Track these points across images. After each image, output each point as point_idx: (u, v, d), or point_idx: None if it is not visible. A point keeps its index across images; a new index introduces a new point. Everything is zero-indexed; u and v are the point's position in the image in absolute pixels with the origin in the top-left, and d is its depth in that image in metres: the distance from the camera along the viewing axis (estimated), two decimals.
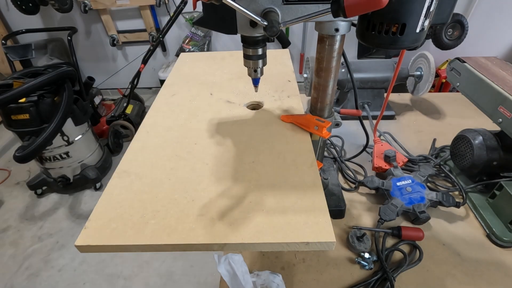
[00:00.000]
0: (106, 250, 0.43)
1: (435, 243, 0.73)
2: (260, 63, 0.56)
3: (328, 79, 0.58)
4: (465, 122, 1.12)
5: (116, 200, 0.49)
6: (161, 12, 2.86)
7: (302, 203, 0.46)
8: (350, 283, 0.66)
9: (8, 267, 1.77)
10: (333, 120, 0.65)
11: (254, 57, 0.54)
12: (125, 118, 2.55)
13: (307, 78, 1.12)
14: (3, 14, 2.91)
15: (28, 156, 1.60)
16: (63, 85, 1.75)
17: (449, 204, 0.75)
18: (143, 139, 0.64)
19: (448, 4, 0.44)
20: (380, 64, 1.12)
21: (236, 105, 0.74)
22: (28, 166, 2.44)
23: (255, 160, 0.55)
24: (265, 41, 0.53)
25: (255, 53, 0.53)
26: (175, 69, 0.92)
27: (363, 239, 0.71)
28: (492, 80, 0.77)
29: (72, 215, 2.05)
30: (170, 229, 0.44)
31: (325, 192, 0.65)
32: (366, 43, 0.46)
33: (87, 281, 1.67)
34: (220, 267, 0.55)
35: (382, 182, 0.81)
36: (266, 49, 0.55)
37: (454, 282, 0.66)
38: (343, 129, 1.12)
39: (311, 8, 0.46)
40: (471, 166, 0.79)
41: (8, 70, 2.77)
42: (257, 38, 0.51)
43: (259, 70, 0.57)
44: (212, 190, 0.50)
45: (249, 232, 0.42)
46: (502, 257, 0.70)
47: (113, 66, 3.25)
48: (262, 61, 0.55)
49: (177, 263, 1.74)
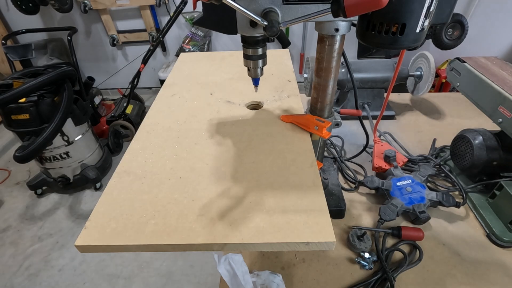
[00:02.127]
0: (106, 250, 0.43)
1: (435, 243, 0.73)
2: (260, 63, 0.56)
3: (328, 79, 0.58)
4: (465, 122, 1.12)
5: (116, 200, 0.49)
6: (161, 12, 2.86)
7: (302, 203, 0.46)
8: (350, 283, 0.66)
9: (8, 267, 1.77)
10: (333, 120, 0.65)
11: (254, 57, 0.54)
12: (125, 118, 2.56)
13: (307, 78, 1.12)
14: (3, 14, 2.91)
15: (28, 156, 1.60)
16: (63, 85, 1.75)
17: (449, 204, 0.75)
18: (143, 139, 0.64)
19: (448, 4, 0.44)
20: (380, 64, 1.12)
21: (236, 105, 0.74)
22: (28, 166, 2.44)
23: (255, 160, 0.55)
24: (265, 41, 0.53)
25: (255, 53, 0.54)
26: (175, 69, 0.92)
27: (363, 239, 0.71)
28: (492, 80, 0.77)
29: (72, 215, 2.05)
30: (170, 229, 0.44)
31: (325, 192, 0.65)
32: (366, 43, 0.46)
33: (87, 281, 1.67)
34: (220, 267, 0.55)
35: (382, 182, 0.81)
36: (266, 49, 0.56)
37: (454, 282, 0.66)
38: (343, 129, 1.12)
39: (311, 8, 0.46)
40: (471, 166, 0.79)
41: (8, 70, 2.77)
42: (257, 38, 0.51)
43: (259, 70, 0.57)
44: (212, 190, 0.50)
45: (249, 232, 0.42)
46: (502, 257, 0.70)
47: (113, 66, 3.25)
48: (262, 61, 0.55)
49: (177, 263, 1.74)
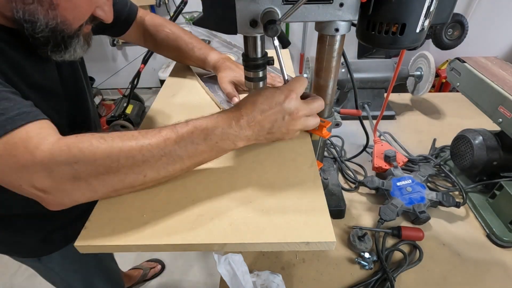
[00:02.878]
0: (106, 250, 0.43)
1: (435, 243, 0.73)
2: (261, 85, 0.57)
3: (328, 79, 0.58)
4: (465, 122, 1.12)
5: (116, 200, 0.49)
6: (161, 12, 2.86)
7: (302, 203, 0.46)
8: (350, 283, 0.66)
9: (8, 267, 1.77)
10: (333, 120, 0.65)
11: (255, 79, 0.56)
12: (125, 118, 2.55)
13: (307, 78, 1.12)
14: None
15: None
16: None
17: (449, 204, 0.75)
18: None
19: (448, 4, 0.44)
20: (380, 64, 1.12)
21: None
22: None
23: (255, 160, 0.55)
24: (266, 65, 0.54)
25: (256, 76, 0.55)
26: (175, 69, 0.92)
27: (364, 239, 0.71)
28: (492, 80, 0.77)
29: None
30: (170, 229, 0.43)
31: (325, 192, 0.65)
32: (366, 43, 0.46)
33: None
34: (220, 267, 0.55)
35: (382, 182, 0.81)
36: (266, 72, 0.57)
37: (454, 282, 0.66)
38: (343, 129, 1.11)
39: (311, 8, 0.46)
40: (471, 166, 0.79)
41: None
42: (258, 62, 0.53)
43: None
44: (212, 190, 0.50)
45: (249, 232, 0.42)
46: (502, 257, 0.70)
47: (113, 66, 3.25)
48: (262, 82, 0.57)
49: (177, 263, 1.74)
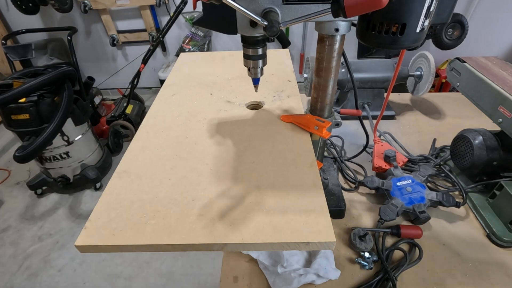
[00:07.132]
0: (106, 250, 0.43)
1: (435, 243, 0.73)
2: (260, 63, 0.56)
3: (328, 79, 0.58)
4: (465, 122, 1.12)
5: (116, 200, 0.49)
6: (161, 12, 2.86)
7: (302, 203, 0.46)
8: (350, 284, 0.66)
9: (8, 267, 1.77)
10: (333, 120, 0.65)
11: (254, 57, 0.54)
12: (125, 118, 2.55)
13: (307, 78, 1.12)
14: (3, 14, 2.91)
15: (28, 156, 1.60)
16: (63, 85, 1.75)
17: (449, 204, 0.75)
18: (143, 139, 0.64)
19: (448, 4, 0.44)
20: (380, 64, 1.12)
21: (236, 105, 0.74)
22: (28, 166, 2.44)
23: (255, 160, 0.55)
24: (265, 41, 0.53)
25: (255, 53, 0.54)
26: (175, 69, 0.92)
27: (365, 239, 0.71)
28: (492, 80, 0.77)
29: (72, 215, 2.05)
30: (170, 229, 0.44)
31: (325, 192, 0.65)
32: (366, 43, 0.46)
33: (87, 281, 1.67)
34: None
35: (382, 182, 0.81)
36: (266, 49, 0.55)
37: (454, 282, 0.66)
38: (343, 129, 1.12)
39: (311, 8, 0.46)
40: (471, 166, 0.79)
41: (8, 70, 2.77)
42: (257, 38, 0.51)
43: (259, 70, 0.57)
44: (212, 190, 0.50)
45: (249, 232, 0.42)
46: (502, 257, 0.70)
47: (113, 66, 3.25)
48: (262, 61, 0.55)
49: (177, 263, 1.74)
